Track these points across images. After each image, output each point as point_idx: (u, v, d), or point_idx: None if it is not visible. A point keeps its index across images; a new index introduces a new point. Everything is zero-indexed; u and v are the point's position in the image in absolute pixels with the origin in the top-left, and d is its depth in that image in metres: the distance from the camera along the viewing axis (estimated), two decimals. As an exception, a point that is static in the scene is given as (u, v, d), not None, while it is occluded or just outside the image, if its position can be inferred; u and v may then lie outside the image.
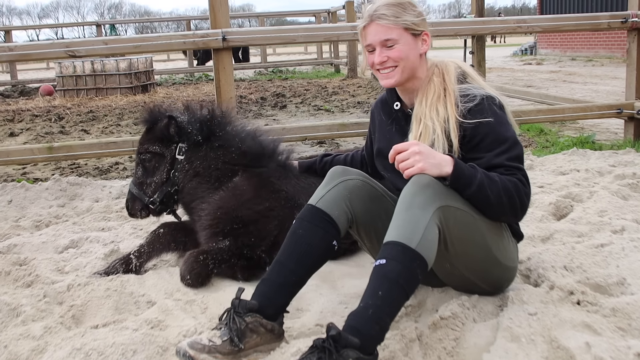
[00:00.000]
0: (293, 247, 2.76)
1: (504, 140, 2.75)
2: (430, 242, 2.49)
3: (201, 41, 5.84)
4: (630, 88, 6.91)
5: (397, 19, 2.85)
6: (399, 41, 2.87)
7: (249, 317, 2.58)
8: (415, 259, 2.45)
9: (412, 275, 2.45)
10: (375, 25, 2.88)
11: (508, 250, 2.87)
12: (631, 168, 5.49)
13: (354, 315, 2.42)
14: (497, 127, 2.77)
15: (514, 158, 2.75)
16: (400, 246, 2.46)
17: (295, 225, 2.82)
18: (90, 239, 4.20)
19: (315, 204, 2.81)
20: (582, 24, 7.10)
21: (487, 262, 2.81)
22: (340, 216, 2.80)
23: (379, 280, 2.45)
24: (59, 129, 10.45)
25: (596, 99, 11.34)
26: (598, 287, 3.06)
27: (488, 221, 2.75)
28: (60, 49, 5.70)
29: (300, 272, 2.74)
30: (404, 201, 2.57)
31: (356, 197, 2.86)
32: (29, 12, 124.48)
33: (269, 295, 2.68)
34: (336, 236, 2.80)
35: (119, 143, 5.87)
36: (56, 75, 16.05)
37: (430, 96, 2.88)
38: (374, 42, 2.90)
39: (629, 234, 3.80)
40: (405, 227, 2.50)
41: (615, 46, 22.48)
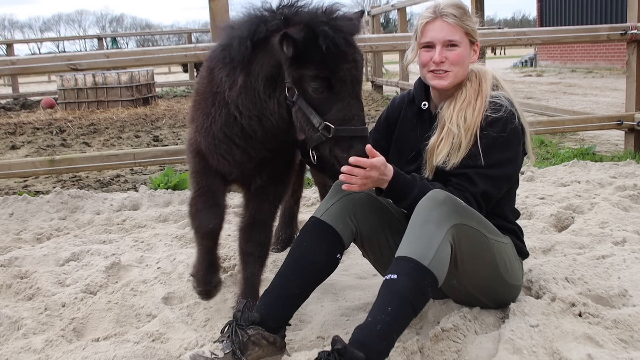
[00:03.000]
0: (297, 260, 2.76)
1: (488, 160, 2.74)
2: (442, 260, 2.48)
3: (202, 54, 5.84)
4: (630, 100, 6.93)
5: (462, 22, 2.82)
6: (460, 45, 2.83)
7: (251, 329, 2.57)
8: (427, 276, 2.44)
9: (423, 292, 2.44)
10: (441, 22, 2.81)
11: (514, 269, 2.87)
12: (632, 179, 5.49)
13: (361, 329, 2.41)
14: (493, 146, 2.76)
15: (483, 176, 2.74)
16: (413, 262, 2.45)
17: (299, 238, 2.82)
18: (91, 252, 4.19)
19: (320, 216, 2.81)
20: (582, 36, 7.12)
21: (493, 280, 2.81)
22: (344, 229, 2.80)
23: (389, 296, 2.43)
24: (61, 142, 10.46)
25: (596, 110, 11.36)
26: (600, 298, 3.06)
27: (499, 240, 2.75)
28: (62, 62, 5.72)
29: (304, 285, 2.74)
30: (419, 216, 2.55)
31: (360, 210, 2.85)
32: (31, 25, 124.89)
33: (271, 308, 2.68)
34: (340, 249, 2.80)
35: (120, 156, 5.88)
36: (58, 88, 16.09)
37: (460, 101, 2.85)
38: (436, 40, 2.81)
39: (630, 245, 3.80)
40: (419, 243, 2.48)
41: (615, 58, 22.54)
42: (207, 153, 2.99)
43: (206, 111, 2.93)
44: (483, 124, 2.77)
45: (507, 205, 3.00)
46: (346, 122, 2.53)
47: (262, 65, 2.67)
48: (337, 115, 2.54)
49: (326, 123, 2.52)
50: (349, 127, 2.53)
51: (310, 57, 2.50)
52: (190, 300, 3.37)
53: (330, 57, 2.49)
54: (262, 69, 2.67)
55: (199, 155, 3.05)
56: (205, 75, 2.97)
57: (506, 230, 2.93)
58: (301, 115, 2.59)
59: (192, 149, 3.09)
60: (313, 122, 2.55)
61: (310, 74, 2.52)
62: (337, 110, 2.54)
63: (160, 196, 5.69)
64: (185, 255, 4.00)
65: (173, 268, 3.81)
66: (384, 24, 62.16)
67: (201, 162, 3.07)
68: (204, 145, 2.98)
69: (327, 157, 2.61)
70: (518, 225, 3.07)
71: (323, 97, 2.54)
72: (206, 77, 2.96)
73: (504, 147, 2.78)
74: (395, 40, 6.63)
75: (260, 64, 2.67)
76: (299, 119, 2.61)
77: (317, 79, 2.52)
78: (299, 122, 2.63)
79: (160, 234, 4.59)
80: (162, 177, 6.23)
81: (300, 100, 2.57)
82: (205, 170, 3.07)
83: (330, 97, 2.55)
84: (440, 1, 2.86)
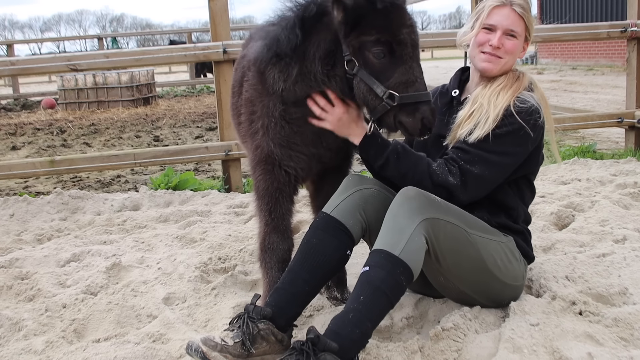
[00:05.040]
0: (307, 256, 2.76)
1: (496, 146, 2.78)
2: (414, 251, 2.51)
3: (202, 54, 5.87)
4: (630, 97, 6.92)
5: (527, 15, 2.91)
6: (519, 37, 2.91)
7: (262, 324, 2.58)
8: (398, 265, 2.47)
9: (395, 281, 2.47)
10: (509, 9, 2.89)
11: (509, 268, 2.86)
12: (632, 177, 5.49)
13: (336, 319, 2.46)
14: (506, 135, 2.80)
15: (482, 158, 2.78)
16: (384, 253, 2.50)
17: (309, 233, 2.82)
18: (92, 253, 4.20)
19: (330, 212, 2.81)
20: (582, 34, 7.12)
21: (482, 277, 2.81)
22: (354, 225, 2.81)
23: (362, 286, 2.48)
24: (61, 142, 10.47)
25: (597, 108, 11.35)
26: (600, 297, 3.05)
27: (485, 236, 2.76)
28: (62, 63, 5.74)
29: (313, 281, 2.74)
30: (391, 211, 2.62)
31: (371, 206, 2.86)
32: (31, 25, 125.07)
33: (281, 304, 2.68)
34: (350, 246, 2.81)
35: (120, 156, 5.89)
36: (58, 89, 16.12)
37: (497, 84, 2.91)
38: (500, 25, 2.89)
39: (630, 243, 3.80)
40: (390, 236, 2.54)
41: (616, 55, 22.51)
42: (284, 156, 2.95)
43: (269, 114, 2.91)
44: (509, 110, 2.81)
45: (521, 206, 3.01)
46: (410, 85, 2.59)
47: (317, 46, 2.71)
48: (400, 79, 2.59)
49: (390, 91, 2.58)
50: (413, 92, 2.58)
51: (369, 23, 2.57)
52: (191, 300, 3.37)
53: (390, 21, 2.57)
54: (318, 49, 2.71)
55: (271, 165, 2.99)
56: (256, 81, 2.97)
57: (512, 231, 2.93)
58: (363, 86, 2.64)
59: (263, 161, 3.01)
60: (377, 92, 2.60)
61: (372, 39, 2.57)
62: (400, 74, 2.59)
63: (161, 196, 5.70)
64: (185, 255, 4.00)
65: (174, 268, 3.80)
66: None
67: (273, 178, 3.00)
68: (279, 150, 2.94)
69: (392, 125, 2.67)
70: (527, 229, 3.08)
71: (385, 63, 2.60)
72: (257, 82, 2.96)
73: (515, 139, 2.81)
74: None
75: (316, 45, 2.71)
76: (361, 90, 2.66)
77: (378, 43, 2.59)
78: (361, 94, 2.67)
79: (161, 234, 4.59)
80: (162, 177, 6.24)
81: (361, 71, 2.63)
82: (277, 190, 3.02)
83: (392, 62, 2.60)
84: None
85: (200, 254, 4.03)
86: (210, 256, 3.95)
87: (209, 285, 3.54)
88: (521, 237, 2.99)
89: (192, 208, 5.30)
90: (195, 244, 4.34)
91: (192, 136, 10.66)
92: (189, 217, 5.08)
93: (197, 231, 4.61)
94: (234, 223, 4.86)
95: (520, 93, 2.88)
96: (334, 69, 2.71)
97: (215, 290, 3.46)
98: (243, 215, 5.07)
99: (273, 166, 2.98)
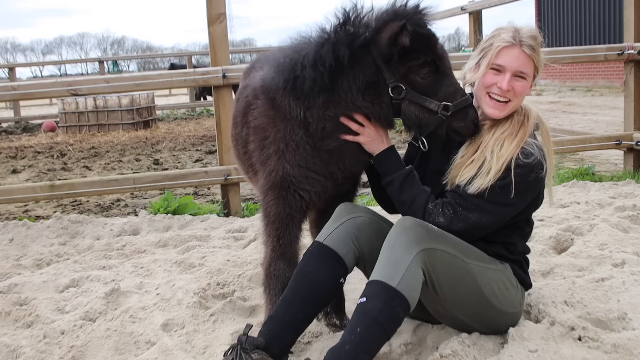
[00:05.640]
0: (300, 285, 2.76)
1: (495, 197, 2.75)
2: (412, 282, 2.51)
3: (202, 79, 5.91)
4: (628, 119, 6.95)
5: (536, 55, 2.82)
6: (528, 77, 2.84)
7: (255, 354, 2.57)
8: (395, 297, 2.47)
9: (393, 313, 2.46)
10: (519, 50, 2.79)
11: (507, 296, 2.85)
12: (631, 200, 5.49)
13: (332, 350, 2.45)
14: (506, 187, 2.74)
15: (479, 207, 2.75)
16: (381, 284, 2.50)
17: (302, 262, 2.83)
18: (90, 278, 4.19)
19: (323, 241, 2.82)
20: (579, 57, 7.16)
21: (480, 306, 2.80)
22: (347, 253, 2.81)
23: (359, 318, 2.48)
24: (61, 166, 10.50)
25: (595, 129, 11.38)
26: (599, 322, 3.05)
27: (483, 265, 2.76)
28: (63, 88, 5.78)
29: (307, 310, 2.75)
30: (388, 242, 2.62)
31: (363, 234, 2.87)
32: (33, 48, 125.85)
33: (275, 333, 2.68)
34: (343, 274, 2.81)
35: (120, 181, 5.90)
36: (59, 112, 16.19)
37: (502, 129, 2.85)
38: (509, 67, 2.79)
39: (629, 267, 3.79)
40: (387, 267, 2.54)
41: (614, 76, 22.59)
42: (300, 178, 2.95)
43: (285, 138, 2.92)
44: (512, 163, 2.75)
45: (518, 239, 2.99)
46: (457, 94, 2.77)
47: (354, 78, 2.77)
48: (448, 90, 2.76)
49: (444, 103, 2.72)
50: (460, 99, 2.75)
51: (413, 48, 2.68)
52: (189, 327, 3.36)
53: (427, 42, 2.74)
54: (355, 81, 2.77)
55: (285, 190, 2.98)
56: (267, 108, 2.99)
57: (507, 259, 2.93)
58: (414, 107, 2.76)
59: (278, 185, 3.00)
60: (430, 108, 2.73)
61: (419, 62, 2.72)
62: (446, 87, 2.76)
63: (160, 221, 5.70)
64: (184, 281, 4.00)
65: (172, 294, 3.80)
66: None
67: (285, 204, 3.00)
68: (297, 171, 2.94)
69: (443, 135, 2.80)
70: (525, 257, 3.07)
71: (431, 81, 2.75)
72: (269, 108, 2.98)
73: (516, 192, 2.76)
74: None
75: (351, 77, 2.76)
76: (412, 112, 2.77)
77: (425, 64, 2.72)
78: (413, 114, 2.78)
79: (160, 259, 4.59)
80: (161, 201, 6.24)
81: (410, 93, 2.73)
82: (289, 216, 3.02)
83: (437, 78, 2.76)
84: (520, 26, 2.86)
85: (199, 280, 4.02)
86: (209, 282, 3.94)
87: (207, 311, 3.53)
88: (518, 265, 2.98)
89: (191, 233, 5.30)
90: (194, 269, 4.34)
91: (191, 159, 10.69)
92: (188, 241, 5.08)
93: (196, 256, 4.60)
94: (233, 248, 4.86)
95: (525, 142, 2.81)
96: (380, 98, 2.80)
97: (213, 317, 3.45)
98: (242, 240, 5.07)
99: (287, 191, 2.98)
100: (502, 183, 2.74)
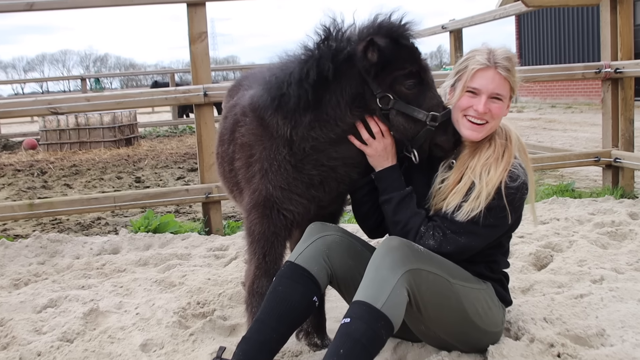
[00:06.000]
0: (273, 304, 2.75)
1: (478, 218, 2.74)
2: (396, 304, 2.50)
3: (183, 97, 5.90)
4: (606, 136, 7.03)
5: (512, 76, 2.82)
6: (505, 99, 2.83)
7: None
8: (379, 319, 2.46)
9: (376, 335, 2.45)
10: (494, 72, 2.78)
11: (489, 315, 2.86)
12: (610, 216, 5.55)
13: None
14: (494, 209, 2.76)
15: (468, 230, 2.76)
16: (365, 306, 2.48)
17: (275, 282, 2.82)
18: (69, 298, 4.14)
19: (295, 260, 2.82)
20: (558, 75, 7.25)
21: (463, 326, 2.80)
22: (319, 272, 2.81)
23: (342, 338, 2.46)
24: (42, 184, 10.41)
25: (575, 146, 11.50)
26: (578, 338, 3.06)
27: (467, 285, 2.77)
28: (43, 106, 5.73)
29: (281, 329, 2.73)
30: (374, 262, 2.61)
31: (334, 252, 2.87)
32: (15, 65, 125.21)
33: (250, 354, 2.66)
34: (316, 292, 2.80)
35: (100, 199, 5.86)
36: (40, 129, 16.07)
37: (487, 155, 2.83)
38: (485, 89, 2.78)
39: (607, 283, 3.82)
40: (372, 287, 2.52)
41: (594, 93, 22.89)
42: (284, 199, 2.94)
43: (270, 157, 2.92)
44: (500, 187, 2.76)
45: (500, 257, 3.01)
46: (441, 105, 2.81)
47: (341, 92, 2.77)
48: (432, 102, 2.78)
49: (432, 113, 2.73)
50: (444, 111, 2.79)
51: (397, 59, 2.72)
52: (169, 347, 3.33)
53: (412, 53, 2.78)
54: (342, 96, 2.77)
55: (269, 209, 2.97)
56: (255, 126, 2.98)
57: (489, 278, 2.94)
58: (401, 117, 2.76)
59: (261, 204, 2.99)
60: (419, 117, 2.74)
61: (404, 72, 2.74)
62: (430, 98, 2.78)
63: (141, 239, 5.66)
64: (164, 300, 3.97)
65: (152, 314, 3.77)
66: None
67: (270, 222, 2.98)
68: (279, 193, 2.93)
69: (426, 149, 2.82)
70: (505, 274, 3.09)
71: (416, 91, 2.76)
72: (257, 126, 2.97)
73: (503, 213, 2.78)
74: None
75: (338, 92, 2.77)
76: (400, 122, 2.77)
77: (410, 75, 2.75)
78: (401, 125, 2.78)
79: (140, 278, 4.55)
80: (142, 220, 6.20)
81: (397, 103, 2.73)
82: (273, 235, 3.00)
83: (421, 89, 2.78)
84: (494, 47, 2.85)
85: (179, 299, 3.99)
86: (189, 301, 3.92)
87: (187, 330, 3.50)
88: (499, 283, 3.00)
89: (172, 251, 5.27)
90: (174, 288, 4.31)
91: (173, 177, 10.64)
92: (168, 260, 5.05)
93: (176, 275, 4.57)
94: (214, 266, 4.83)
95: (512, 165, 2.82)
96: (369, 110, 2.81)
97: (193, 336, 3.42)
98: (223, 258, 5.05)
99: (271, 210, 2.96)
100: (491, 206, 2.75)
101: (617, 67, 6.65)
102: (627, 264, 4.22)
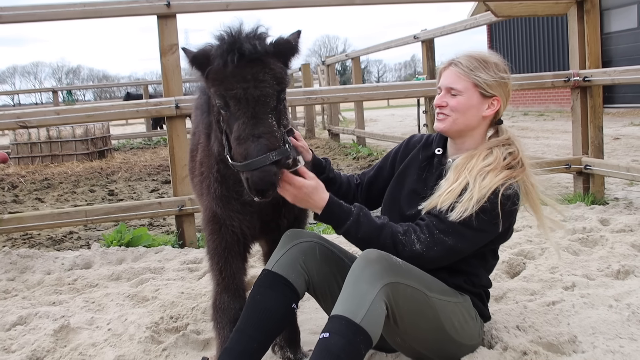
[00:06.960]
0: (252, 313, 2.74)
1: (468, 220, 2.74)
2: (375, 318, 2.49)
3: (154, 109, 5.87)
4: (577, 144, 7.12)
5: (470, 72, 2.89)
6: (463, 94, 2.90)
7: None
8: (359, 333, 2.45)
9: (355, 350, 2.44)
10: (449, 70, 2.96)
11: (465, 328, 2.86)
12: (581, 222, 5.61)
13: None
14: (485, 214, 2.76)
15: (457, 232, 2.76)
16: (345, 320, 2.47)
17: (252, 291, 2.81)
18: (39, 315, 4.07)
19: (271, 268, 2.82)
20: (528, 84, 7.33)
21: (439, 338, 2.80)
22: (297, 278, 2.81)
23: (321, 354, 2.44)
24: (12, 198, 10.25)
25: (548, 153, 11.64)
26: (550, 346, 3.08)
27: (444, 299, 2.77)
28: (11, 120, 5.65)
29: (261, 338, 2.72)
30: (352, 275, 2.59)
31: (311, 259, 2.87)
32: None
33: None
34: (294, 299, 2.80)
35: (71, 213, 5.78)
36: (10, 143, 15.86)
37: (487, 162, 2.85)
38: (442, 85, 2.97)
39: (579, 289, 3.86)
40: (351, 302, 2.51)
41: (565, 101, 23.21)
42: (225, 217, 2.92)
43: (210, 175, 2.90)
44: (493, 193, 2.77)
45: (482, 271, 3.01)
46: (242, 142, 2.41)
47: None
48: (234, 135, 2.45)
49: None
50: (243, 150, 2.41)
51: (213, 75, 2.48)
52: (141, 363, 3.29)
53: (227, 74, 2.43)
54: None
55: (218, 224, 2.97)
56: (205, 144, 2.95)
57: (468, 292, 2.95)
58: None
59: (211, 220, 3.01)
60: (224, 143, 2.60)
61: (212, 90, 2.51)
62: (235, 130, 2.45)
63: (113, 253, 5.60)
64: (136, 315, 3.92)
65: (124, 329, 3.72)
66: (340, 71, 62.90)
67: (221, 238, 2.97)
68: (220, 210, 2.92)
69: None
70: (486, 290, 3.10)
71: (226, 116, 2.52)
72: (206, 144, 2.94)
73: (493, 218, 2.78)
74: (347, 91, 6.69)
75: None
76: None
77: (216, 96, 2.51)
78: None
79: (112, 293, 4.49)
80: (115, 233, 6.14)
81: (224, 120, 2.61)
82: (226, 250, 2.98)
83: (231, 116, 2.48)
84: (463, 51, 3.00)
85: (152, 313, 3.95)
86: (162, 315, 3.88)
87: (159, 346, 3.46)
88: (478, 297, 3.00)
89: (145, 265, 5.21)
90: (147, 303, 4.26)
91: (147, 189, 10.55)
92: (141, 274, 4.99)
93: (149, 289, 4.53)
94: (187, 280, 4.79)
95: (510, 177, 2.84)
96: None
97: (166, 352, 3.38)
98: (197, 271, 5.01)
99: (220, 226, 2.96)
100: (482, 209, 2.75)
101: (586, 76, 6.76)
102: (598, 270, 4.27)
